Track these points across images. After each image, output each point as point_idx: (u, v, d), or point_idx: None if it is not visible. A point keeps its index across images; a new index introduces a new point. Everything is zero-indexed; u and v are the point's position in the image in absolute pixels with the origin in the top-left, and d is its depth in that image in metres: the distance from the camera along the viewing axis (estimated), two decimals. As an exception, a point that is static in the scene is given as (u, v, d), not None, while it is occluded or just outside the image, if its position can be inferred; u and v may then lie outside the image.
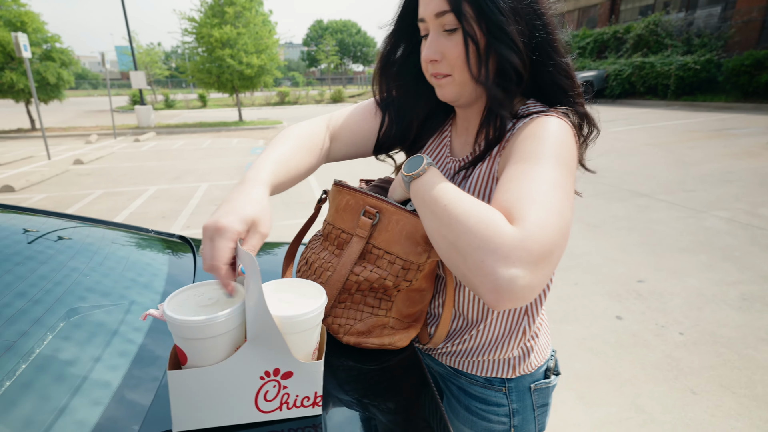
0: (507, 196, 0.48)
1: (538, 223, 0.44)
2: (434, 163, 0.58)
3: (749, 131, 7.84)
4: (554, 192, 0.48)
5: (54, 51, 12.40)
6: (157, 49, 28.70)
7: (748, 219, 3.68)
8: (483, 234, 0.43)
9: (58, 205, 5.03)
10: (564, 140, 0.55)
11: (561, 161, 0.52)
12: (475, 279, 0.43)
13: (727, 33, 13.23)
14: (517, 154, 0.54)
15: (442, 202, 0.50)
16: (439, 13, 0.57)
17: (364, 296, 0.64)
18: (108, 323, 0.65)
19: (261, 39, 13.39)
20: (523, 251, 0.42)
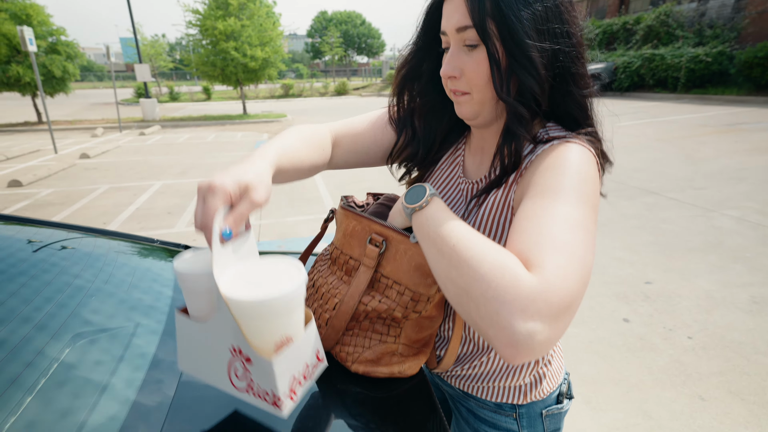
0: (524, 237, 0.45)
1: (558, 272, 0.40)
2: (438, 194, 0.55)
3: (762, 126, 7.70)
4: (575, 234, 0.44)
5: (59, 44, 12.40)
6: (161, 41, 28.64)
7: (759, 219, 3.62)
8: (499, 282, 0.40)
9: (65, 200, 5.07)
10: (586, 171, 0.51)
11: (583, 196, 0.48)
12: (489, 331, 0.40)
13: (741, 24, 12.94)
14: (536, 187, 0.51)
15: (450, 242, 0.46)
16: (461, 28, 0.55)
17: (372, 323, 0.63)
18: (113, 349, 0.64)
19: (265, 31, 13.30)
20: (543, 303, 0.38)
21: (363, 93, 26.23)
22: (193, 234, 3.89)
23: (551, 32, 0.54)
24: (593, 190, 0.51)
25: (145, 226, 4.12)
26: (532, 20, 0.52)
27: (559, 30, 0.54)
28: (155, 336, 0.71)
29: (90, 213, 4.58)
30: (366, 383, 0.63)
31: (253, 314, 0.43)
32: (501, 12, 0.51)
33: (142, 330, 0.70)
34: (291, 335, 0.46)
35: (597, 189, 0.52)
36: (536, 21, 0.52)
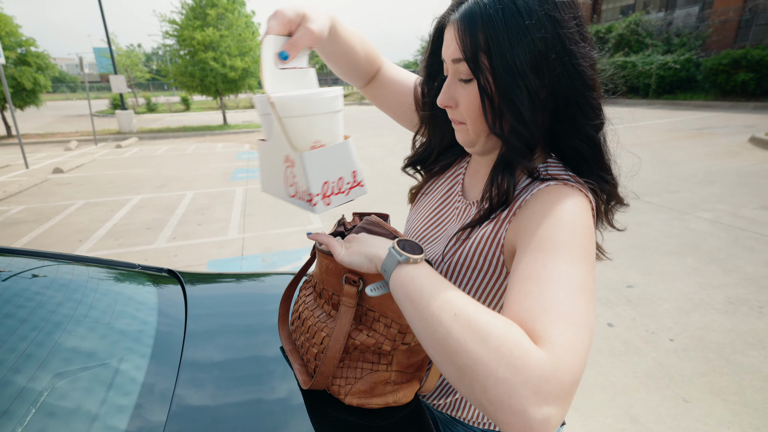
0: (527, 303, 0.42)
1: (568, 346, 0.37)
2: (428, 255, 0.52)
3: (729, 130, 8.05)
4: (580, 298, 0.42)
5: (29, 55, 12.03)
6: (137, 51, 28.13)
7: (731, 220, 3.76)
8: (509, 362, 0.36)
9: (38, 217, 4.88)
10: (582, 223, 0.48)
11: (582, 252, 0.46)
12: (499, 415, 0.36)
13: (705, 33, 13.58)
14: (533, 239, 0.48)
15: (450, 308, 0.41)
16: (455, 60, 0.54)
17: (362, 353, 0.62)
18: (95, 390, 0.61)
19: (244, 41, 13.22)
20: (556, 383, 0.35)
21: (345, 102, 26.23)
22: (175, 250, 3.79)
23: (551, 66, 0.50)
24: (590, 243, 0.48)
25: (124, 243, 4.00)
26: (529, 55, 0.49)
27: (560, 63, 0.51)
28: (140, 372, 0.68)
29: (65, 231, 4.42)
30: (360, 412, 0.62)
31: (291, 111, 0.50)
32: (492, 47, 0.50)
33: (127, 366, 0.67)
34: (324, 141, 0.52)
35: (593, 241, 0.49)
36: (533, 55, 0.50)
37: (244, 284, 1.12)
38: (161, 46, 13.70)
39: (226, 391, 0.69)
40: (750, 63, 10.91)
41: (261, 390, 0.69)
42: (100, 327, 0.76)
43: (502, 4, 0.49)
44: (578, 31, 0.52)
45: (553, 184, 0.53)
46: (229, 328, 0.89)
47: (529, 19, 0.49)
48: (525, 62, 0.49)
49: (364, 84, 0.78)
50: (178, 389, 0.68)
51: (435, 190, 0.75)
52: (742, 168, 5.41)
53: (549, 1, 0.50)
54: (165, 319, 0.85)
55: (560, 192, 0.51)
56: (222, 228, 4.31)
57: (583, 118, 0.54)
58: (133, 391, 0.65)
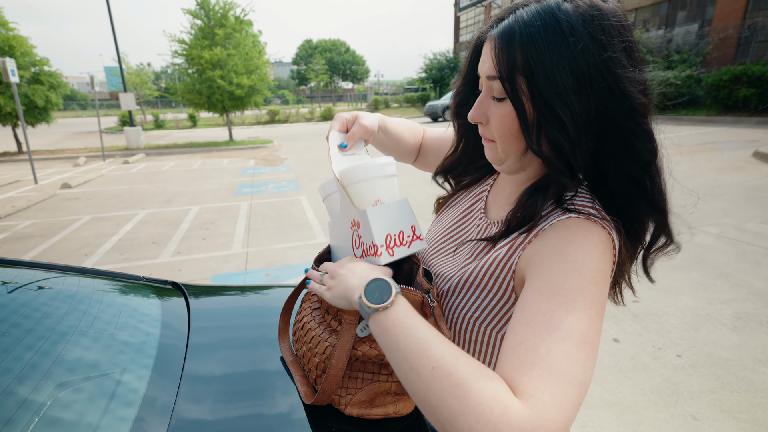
0: (521, 351, 0.41)
1: (553, 404, 0.37)
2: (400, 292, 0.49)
3: (732, 145, 8.05)
4: (577, 352, 0.40)
5: (42, 74, 12.35)
6: (146, 69, 28.79)
7: (737, 234, 3.73)
8: (488, 420, 0.35)
9: (45, 232, 4.93)
10: (598, 269, 0.46)
11: (591, 301, 0.43)
12: None
13: (705, 49, 13.72)
14: (542, 276, 0.46)
15: (428, 362, 0.40)
16: (490, 77, 0.52)
17: (363, 363, 0.62)
18: (97, 400, 0.62)
19: (251, 59, 13.51)
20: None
21: (349, 118, 26.52)
22: (179, 264, 3.81)
23: (595, 89, 0.48)
24: (600, 290, 0.45)
25: (129, 257, 4.03)
26: (571, 76, 0.47)
27: (606, 86, 0.48)
28: (141, 383, 0.68)
29: (71, 245, 4.46)
30: (361, 423, 0.62)
31: (352, 179, 0.58)
32: (532, 70, 0.47)
33: (128, 377, 0.68)
34: (383, 200, 0.60)
35: (605, 288, 0.46)
36: (576, 77, 0.47)
37: (248, 297, 1.13)
38: (170, 65, 14.02)
39: (227, 403, 0.69)
40: (751, 79, 10.98)
41: (262, 402, 0.69)
42: (104, 338, 0.77)
43: (544, 22, 0.47)
44: (627, 56, 0.49)
45: (575, 217, 0.50)
46: (232, 340, 0.89)
47: (573, 40, 0.46)
48: (566, 84, 0.47)
49: (415, 158, 0.88)
50: (179, 402, 0.68)
51: (459, 204, 0.75)
52: (746, 182, 5.39)
53: (595, 23, 0.47)
54: (168, 331, 0.86)
55: (580, 228, 0.48)
56: (226, 242, 4.33)
57: (635, 143, 0.50)
58: (134, 402, 0.66)
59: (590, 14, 0.47)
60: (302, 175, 7.95)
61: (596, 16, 0.47)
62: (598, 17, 0.47)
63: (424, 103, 26.19)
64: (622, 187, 0.52)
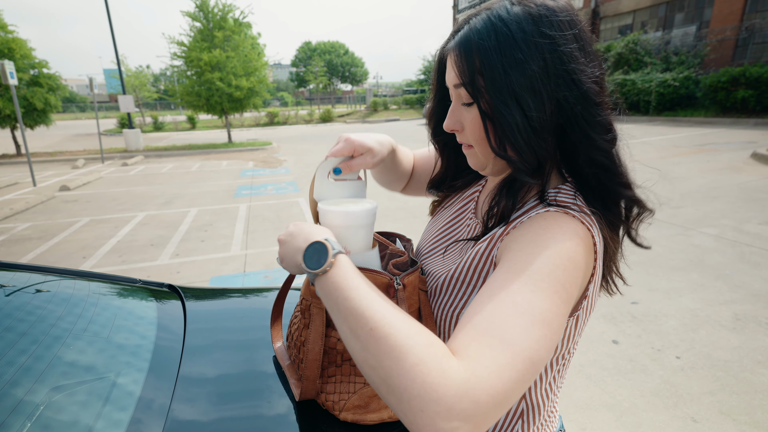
0: (476, 320, 0.41)
1: (494, 368, 0.37)
2: (344, 252, 0.50)
3: (730, 146, 8.07)
4: (533, 330, 0.40)
5: (41, 76, 12.35)
6: (146, 71, 28.82)
7: (736, 236, 3.73)
8: (424, 379, 0.36)
9: (43, 234, 4.92)
10: (569, 258, 0.46)
11: (556, 286, 0.44)
12: (411, 425, 0.37)
13: (703, 51, 13.77)
14: (512, 258, 0.47)
15: (366, 323, 0.41)
16: (456, 85, 0.55)
17: (353, 366, 0.61)
18: (92, 403, 0.61)
19: (250, 62, 13.53)
20: (469, 403, 0.35)
21: (348, 120, 26.64)
22: (178, 266, 3.80)
23: (550, 85, 0.50)
24: (569, 279, 0.45)
25: (127, 260, 4.02)
26: (523, 76, 0.49)
27: (561, 81, 0.50)
28: (137, 386, 0.68)
29: (69, 247, 4.46)
30: (356, 429, 0.61)
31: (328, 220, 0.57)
32: (488, 72, 0.50)
33: (124, 380, 0.67)
34: (349, 248, 0.57)
35: (575, 278, 0.46)
36: (527, 77, 0.49)
37: (245, 300, 1.12)
38: (169, 67, 14.04)
39: (222, 406, 0.69)
40: (749, 80, 11.02)
41: (257, 406, 0.68)
42: (99, 341, 0.76)
43: (495, 28, 0.50)
44: (578, 47, 0.51)
45: (553, 211, 0.51)
46: (228, 343, 0.89)
47: (523, 41, 0.49)
48: (520, 84, 0.49)
49: (406, 183, 0.86)
50: (174, 404, 0.67)
51: (452, 205, 0.76)
52: (745, 183, 5.40)
53: (544, 21, 0.50)
54: (164, 334, 0.85)
55: (557, 219, 0.50)
56: (225, 244, 4.32)
57: (594, 134, 0.52)
58: (129, 405, 0.65)
59: (538, 13, 0.50)
60: (301, 177, 7.95)
61: (545, 14, 0.50)
62: (547, 14, 0.50)
63: (422, 105, 26.23)
64: (594, 176, 0.54)
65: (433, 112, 0.70)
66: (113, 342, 0.78)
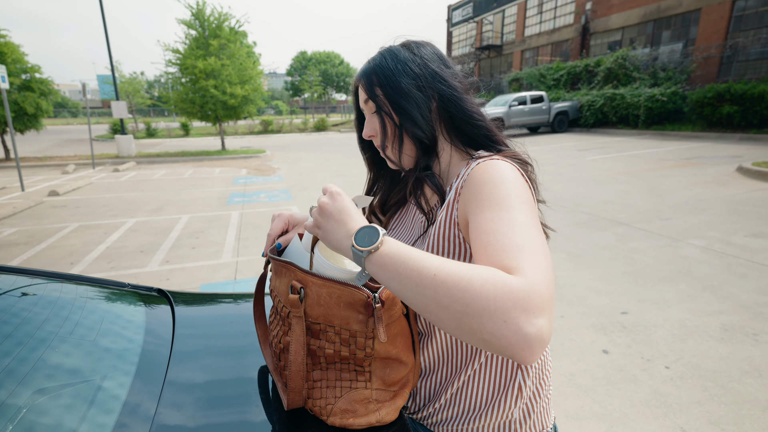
0: (492, 249, 0.50)
1: (535, 268, 0.45)
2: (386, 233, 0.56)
3: (716, 160, 8.24)
4: (531, 233, 0.51)
5: (33, 81, 12.25)
6: (139, 78, 28.73)
7: (723, 247, 3.79)
8: (496, 294, 0.42)
9: (30, 239, 4.84)
10: (517, 180, 0.59)
11: (523, 202, 0.56)
12: (501, 342, 0.41)
13: (689, 68, 14.12)
14: (480, 202, 0.57)
15: (429, 272, 0.46)
16: (365, 101, 0.73)
17: (338, 370, 0.61)
18: (76, 407, 0.60)
19: (245, 70, 13.57)
20: (538, 299, 0.42)
21: (342, 129, 26.75)
22: (167, 273, 3.76)
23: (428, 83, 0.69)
24: (529, 194, 0.59)
25: (116, 266, 3.96)
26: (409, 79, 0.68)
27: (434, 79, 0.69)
28: (122, 390, 0.67)
29: (56, 253, 4.38)
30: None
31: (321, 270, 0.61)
32: (383, 83, 0.69)
33: (109, 384, 0.66)
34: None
35: (530, 193, 0.60)
36: (412, 78, 0.68)
37: (235, 305, 1.11)
38: (164, 74, 14.02)
39: (210, 411, 0.68)
40: (734, 96, 11.31)
41: (245, 412, 0.67)
42: (84, 345, 0.75)
43: (384, 56, 0.71)
44: (439, 58, 0.73)
45: (482, 161, 0.63)
46: (217, 349, 0.88)
47: (404, 59, 0.70)
48: (409, 86, 0.68)
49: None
50: (161, 408, 0.66)
51: (404, 217, 0.82)
52: (731, 196, 5.50)
53: (413, 48, 0.72)
54: (151, 338, 0.84)
55: (490, 165, 0.62)
56: (216, 252, 4.29)
57: (468, 116, 0.70)
58: (114, 410, 0.64)
59: (409, 44, 0.73)
60: (294, 185, 7.94)
61: (413, 44, 0.73)
62: (417, 46, 0.73)
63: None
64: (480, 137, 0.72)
65: (358, 131, 0.84)
66: (99, 346, 0.76)
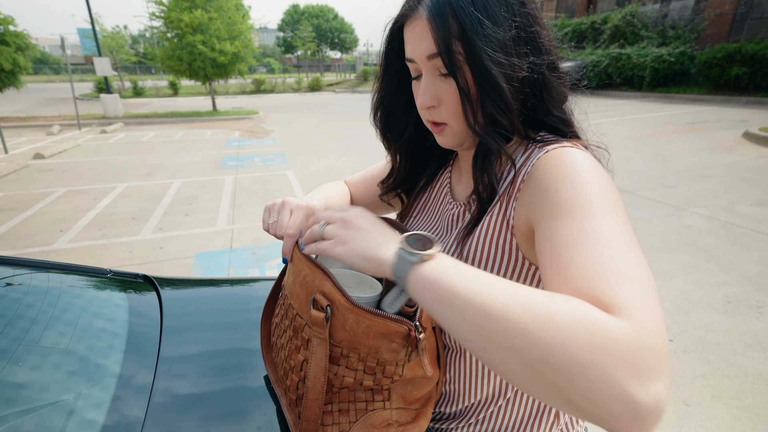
0: (574, 272, 0.36)
1: (642, 307, 0.32)
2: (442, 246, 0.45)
3: (722, 124, 8.05)
4: (630, 252, 0.36)
5: (8, 34, 11.48)
6: (123, 32, 27.22)
7: (727, 216, 3.74)
8: (592, 342, 0.29)
9: (17, 205, 4.68)
10: (603, 176, 0.45)
11: (613, 204, 0.41)
12: (598, 411, 0.29)
13: (700, 26, 13.53)
14: (555, 204, 0.43)
15: (495, 299, 0.33)
16: (432, 56, 0.50)
17: (351, 391, 0.52)
18: (51, 421, 0.51)
19: (234, 24, 12.81)
20: (652, 354, 0.30)
21: (337, 89, 25.88)
22: (161, 241, 3.66)
23: (522, 54, 0.50)
24: (616, 193, 0.43)
25: (107, 233, 3.85)
26: (502, 44, 0.48)
27: (533, 42, 0.51)
28: (103, 405, 0.58)
29: (45, 220, 4.25)
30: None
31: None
32: (467, 36, 0.47)
33: (84, 403, 0.57)
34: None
35: (617, 191, 0.44)
36: (506, 45, 0.48)
37: (227, 291, 1.02)
38: (148, 28, 13.22)
39: (202, 424, 0.60)
40: (744, 57, 10.91)
41: (244, 429, 0.59)
42: (56, 353, 0.65)
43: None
44: (537, 8, 0.52)
45: (552, 149, 0.49)
46: (210, 345, 0.79)
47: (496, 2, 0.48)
48: (499, 51, 0.48)
49: None
50: (149, 415, 0.58)
51: (423, 202, 0.70)
52: (736, 163, 5.40)
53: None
54: (135, 336, 0.75)
55: (563, 153, 0.47)
56: (210, 219, 4.17)
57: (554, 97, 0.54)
58: (96, 423, 0.56)
59: None
60: (289, 149, 7.71)
61: None
62: None
63: (414, 75, 25.51)
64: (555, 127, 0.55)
65: (381, 101, 0.63)
66: (75, 352, 0.67)
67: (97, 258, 3.33)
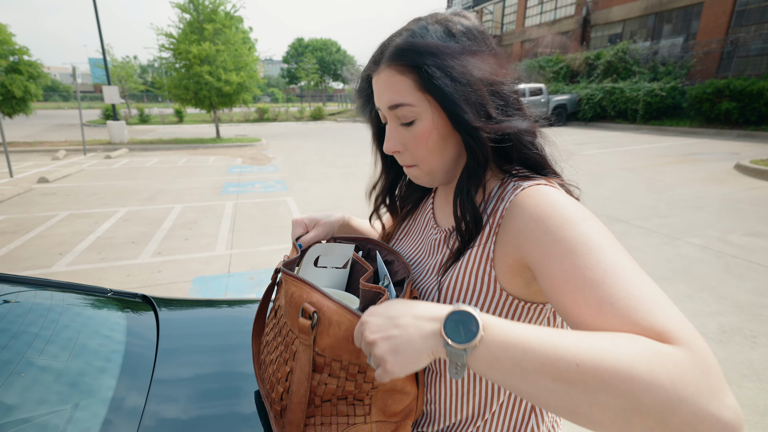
0: (606, 309, 0.37)
1: (684, 326, 0.35)
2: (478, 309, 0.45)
3: (714, 156, 8.23)
4: (643, 276, 0.39)
5: (22, 63, 11.93)
6: (132, 62, 28.15)
7: (720, 246, 3.78)
8: (672, 380, 0.31)
9: (18, 228, 4.73)
10: (581, 208, 0.47)
11: (607, 233, 0.43)
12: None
13: (689, 62, 14.04)
14: (550, 245, 0.43)
15: (566, 363, 0.33)
16: (392, 106, 0.54)
17: (333, 405, 0.55)
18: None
19: (240, 56, 13.30)
20: (716, 371, 0.32)
21: (338, 118, 26.48)
22: (159, 265, 3.68)
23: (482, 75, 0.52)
24: (601, 222, 0.45)
25: (106, 257, 3.87)
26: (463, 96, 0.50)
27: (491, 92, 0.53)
28: (97, 419, 0.61)
29: (45, 242, 4.28)
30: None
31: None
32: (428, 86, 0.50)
33: (81, 414, 0.60)
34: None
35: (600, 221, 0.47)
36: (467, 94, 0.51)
37: (224, 312, 1.05)
38: (157, 59, 13.70)
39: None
40: (733, 92, 11.26)
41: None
42: (55, 368, 0.69)
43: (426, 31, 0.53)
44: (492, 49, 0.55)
45: (528, 186, 0.51)
46: (205, 364, 0.82)
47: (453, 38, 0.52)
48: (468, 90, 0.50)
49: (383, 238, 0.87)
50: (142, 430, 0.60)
51: (412, 228, 0.74)
52: (728, 194, 5.49)
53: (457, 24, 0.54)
54: (132, 356, 0.78)
55: (541, 192, 0.49)
56: (209, 243, 4.21)
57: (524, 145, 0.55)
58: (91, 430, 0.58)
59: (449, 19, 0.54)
60: (290, 176, 7.83)
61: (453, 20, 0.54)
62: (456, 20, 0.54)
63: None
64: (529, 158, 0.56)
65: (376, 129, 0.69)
66: (72, 369, 0.70)
67: (95, 281, 3.34)
